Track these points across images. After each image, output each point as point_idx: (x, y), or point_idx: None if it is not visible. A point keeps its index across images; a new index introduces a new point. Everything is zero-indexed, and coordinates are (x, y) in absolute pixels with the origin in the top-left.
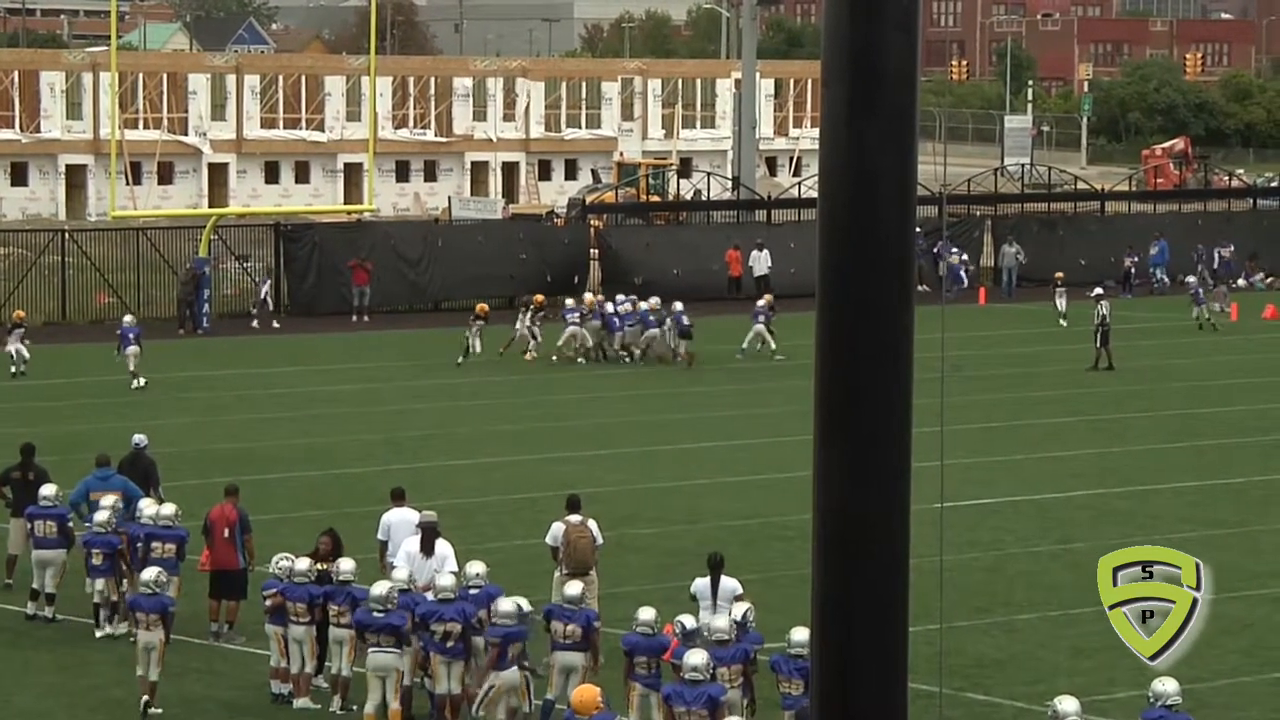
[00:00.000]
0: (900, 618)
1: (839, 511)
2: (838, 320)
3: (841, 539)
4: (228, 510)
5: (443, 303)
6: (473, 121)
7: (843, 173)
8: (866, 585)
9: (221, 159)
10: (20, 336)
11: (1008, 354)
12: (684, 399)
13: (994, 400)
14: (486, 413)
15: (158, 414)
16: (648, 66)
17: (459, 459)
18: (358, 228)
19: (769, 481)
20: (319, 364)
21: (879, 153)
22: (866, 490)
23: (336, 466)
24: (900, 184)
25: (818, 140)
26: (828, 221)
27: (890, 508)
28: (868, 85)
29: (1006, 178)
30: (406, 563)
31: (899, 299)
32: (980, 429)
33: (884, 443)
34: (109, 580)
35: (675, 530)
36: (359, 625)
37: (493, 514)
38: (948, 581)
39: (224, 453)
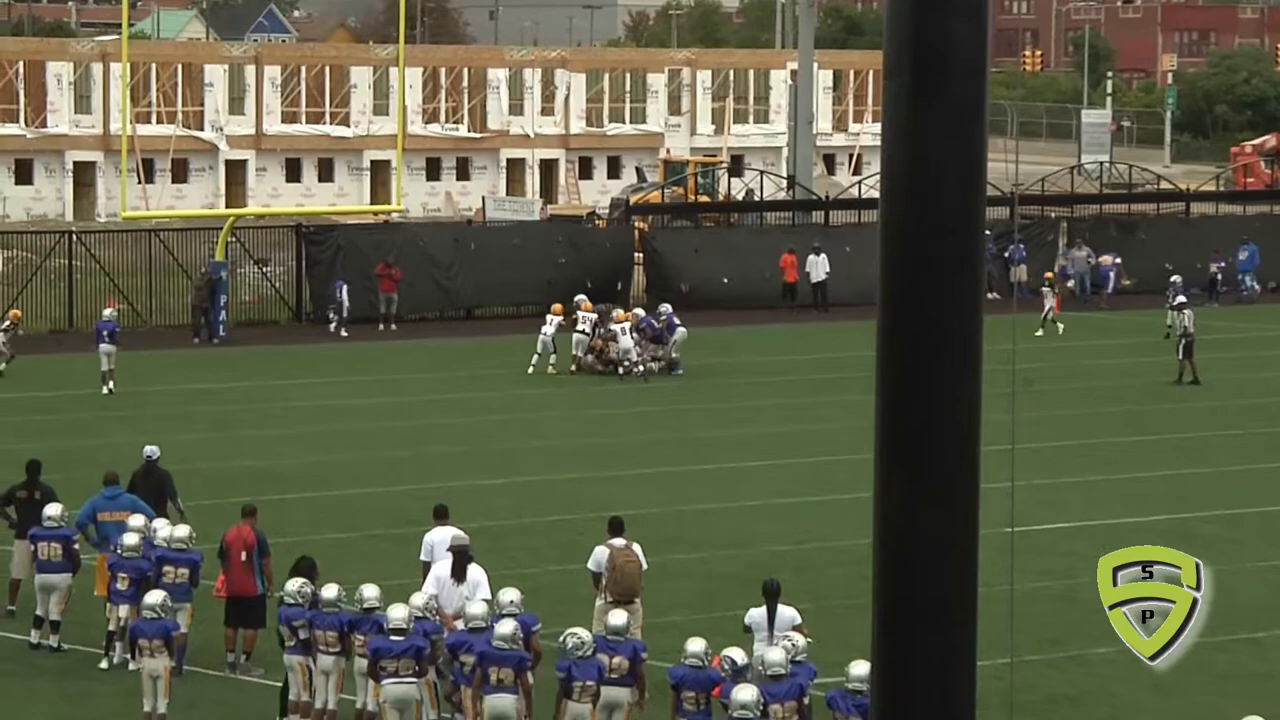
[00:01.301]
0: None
1: (901, 535)
2: (900, 330)
3: (904, 565)
4: (245, 532)
5: (475, 310)
6: (508, 116)
7: (906, 171)
8: (931, 615)
9: (239, 156)
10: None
11: (1083, 366)
12: (731, 414)
13: (1067, 416)
14: (520, 428)
15: (170, 428)
16: (696, 57)
17: (491, 478)
18: (385, 230)
19: (824, 503)
20: (343, 375)
21: (945, 149)
22: (931, 513)
23: (361, 485)
24: (968, 183)
25: (879, 136)
26: (890, 223)
27: (956, 532)
28: (933, 77)
29: (1083, 177)
30: (436, 588)
31: (966, 306)
32: (1053, 447)
33: (950, 462)
34: (133, 607)
35: (722, 555)
36: (375, 653)
37: (527, 537)
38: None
39: (241, 470)
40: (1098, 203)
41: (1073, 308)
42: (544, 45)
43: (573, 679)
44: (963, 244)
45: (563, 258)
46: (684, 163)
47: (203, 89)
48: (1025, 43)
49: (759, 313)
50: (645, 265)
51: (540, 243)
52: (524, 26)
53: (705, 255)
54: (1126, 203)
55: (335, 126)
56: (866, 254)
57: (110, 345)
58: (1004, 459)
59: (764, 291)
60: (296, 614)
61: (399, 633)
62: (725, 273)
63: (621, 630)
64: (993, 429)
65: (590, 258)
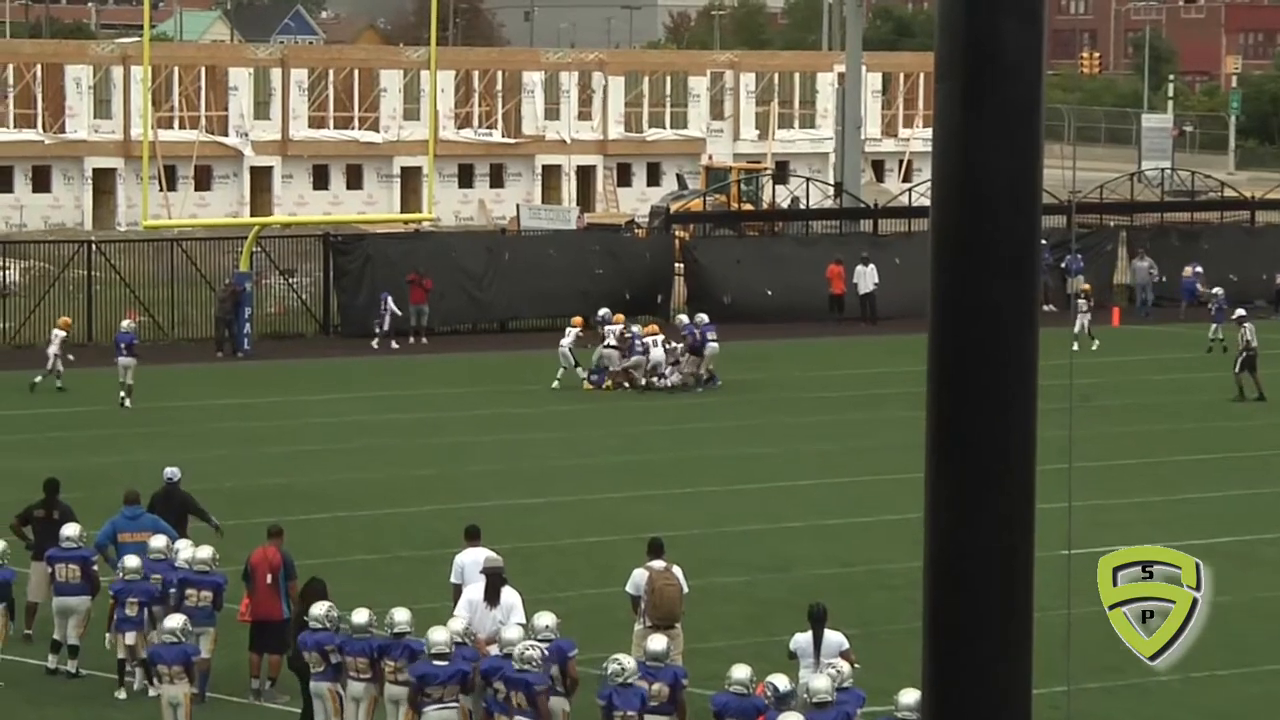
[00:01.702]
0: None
1: (953, 558)
2: (951, 343)
3: (956, 589)
4: (270, 554)
5: (509, 322)
6: (544, 121)
7: (958, 178)
8: (984, 642)
9: (265, 162)
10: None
11: (1142, 382)
12: (775, 431)
13: (1126, 433)
14: (556, 446)
15: (192, 445)
16: (739, 59)
17: (526, 497)
18: (416, 239)
19: (871, 524)
20: (371, 390)
21: (999, 155)
22: (984, 535)
23: (390, 505)
24: (1023, 190)
25: (930, 141)
26: (941, 233)
27: (1011, 554)
28: (986, 80)
29: (1144, 184)
30: (469, 612)
31: (1021, 319)
32: (1111, 466)
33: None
34: (140, 634)
35: (766, 578)
36: (421, 679)
37: (563, 558)
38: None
39: (265, 489)
40: (1159, 211)
41: (1133, 321)
42: (581, 47)
43: (614, 708)
44: (1017, 254)
45: (600, 268)
46: (727, 169)
47: (227, 93)
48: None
49: (804, 325)
50: (686, 276)
51: (577, 253)
52: (560, 28)
53: (748, 266)
54: (1189, 211)
55: (364, 132)
56: (916, 264)
57: (129, 358)
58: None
59: (810, 303)
60: (326, 639)
61: (442, 657)
62: (769, 284)
63: (661, 656)
64: (1048, 447)
65: (629, 268)
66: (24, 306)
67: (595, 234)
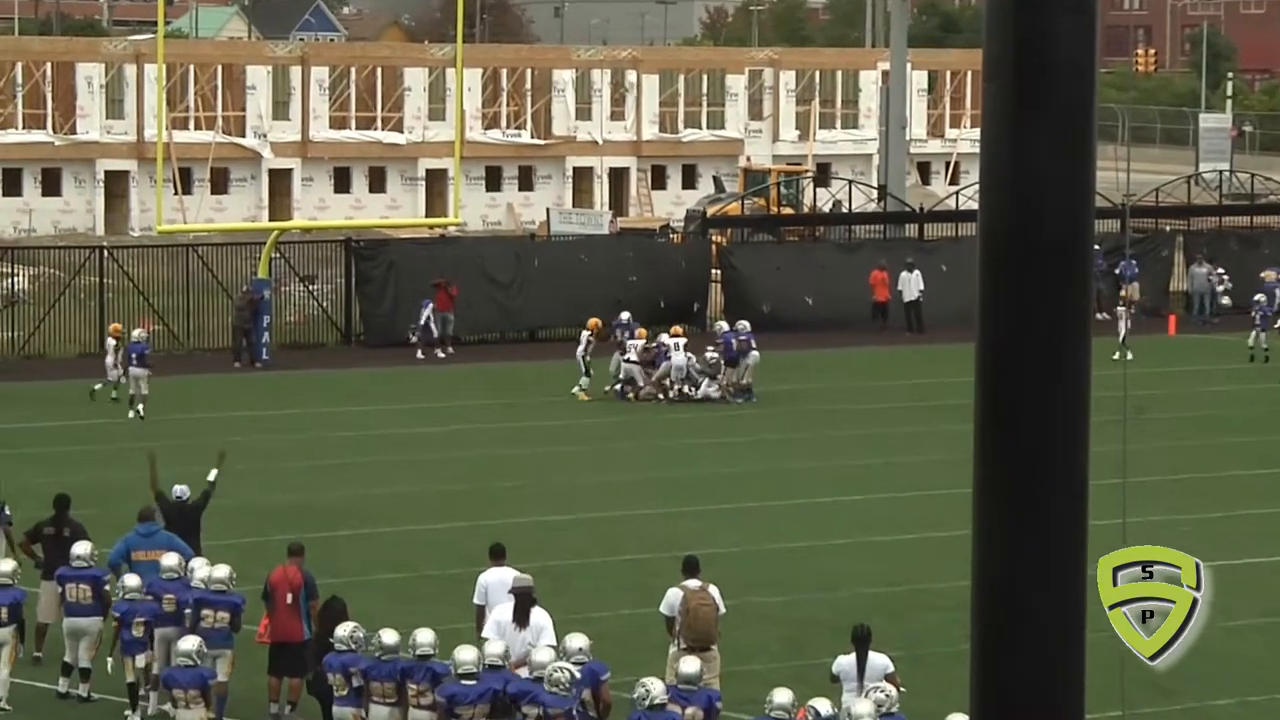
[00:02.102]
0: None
1: (1002, 577)
2: (1000, 353)
3: (1005, 609)
4: (291, 573)
5: (538, 331)
6: (575, 121)
7: (1007, 180)
8: (1036, 664)
9: (284, 164)
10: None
11: (1200, 393)
12: (816, 445)
13: (1183, 448)
14: (588, 459)
15: (209, 459)
16: (779, 56)
17: (556, 513)
18: (441, 245)
19: (917, 542)
20: (395, 402)
21: (1050, 157)
22: (1035, 552)
23: (415, 522)
24: (1075, 193)
25: (978, 143)
26: (989, 238)
27: (1062, 573)
28: (1036, 78)
29: (1201, 187)
30: (497, 634)
31: (1073, 328)
32: (1167, 481)
33: (1055, 498)
34: (150, 655)
35: (807, 598)
36: (451, 699)
37: (595, 578)
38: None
39: (285, 505)
40: (1217, 215)
41: (1191, 329)
42: (614, 44)
43: None
44: (1069, 260)
45: (633, 275)
46: (765, 172)
47: (244, 92)
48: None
49: (846, 334)
50: (723, 283)
51: (609, 259)
52: (592, 24)
53: (788, 272)
54: (1248, 214)
55: (387, 133)
56: (964, 270)
57: (141, 369)
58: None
59: (852, 311)
60: (351, 661)
61: (470, 677)
62: (809, 291)
63: (694, 679)
64: (1101, 461)
65: (663, 275)
66: (33, 315)
67: (628, 239)
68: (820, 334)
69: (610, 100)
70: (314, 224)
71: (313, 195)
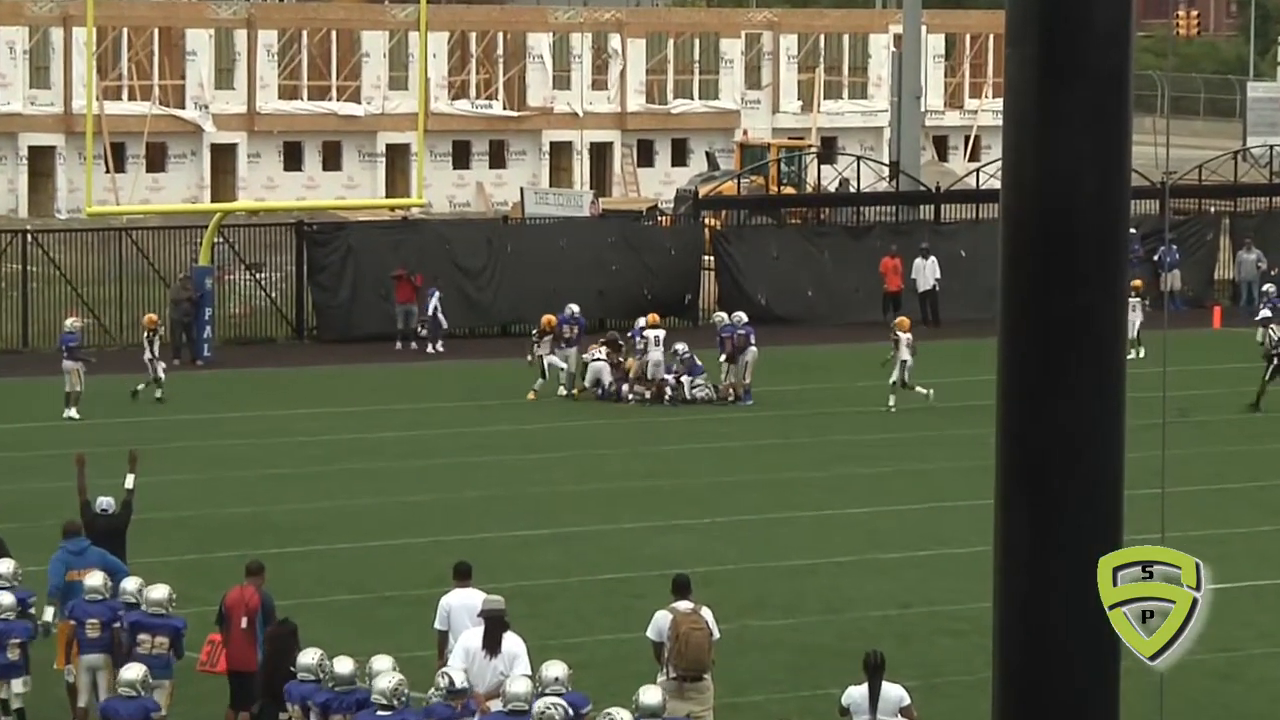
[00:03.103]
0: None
1: (1028, 598)
2: (1025, 349)
3: (1032, 634)
4: (248, 594)
5: (511, 326)
6: (552, 91)
7: (1034, 156)
8: (1064, 694)
9: (228, 139)
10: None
11: (1248, 394)
12: (822, 451)
13: (1229, 453)
14: (566, 467)
15: (146, 468)
16: (779, 18)
17: (532, 528)
18: (404, 228)
19: (934, 558)
20: (352, 405)
21: (1081, 130)
22: (1063, 570)
23: (376, 537)
24: (1108, 171)
25: (1001, 115)
26: (1013, 220)
27: (1095, 595)
28: (1067, 43)
29: (1250, 163)
30: (465, 661)
31: (1106, 322)
32: (1211, 491)
33: (1086, 509)
34: (107, 658)
35: (812, 621)
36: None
37: (575, 599)
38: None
39: (229, 519)
40: (1267, 195)
41: (1239, 322)
42: (595, 5)
43: None
44: (1102, 245)
45: (616, 264)
46: (764, 147)
47: (184, 58)
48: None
49: (854, 329)
50: (717, 272)
51: (590, 245)
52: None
53: (789, 259)
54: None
55: (343, 104)
56: (985, 257)
57: (72, 362)
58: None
59: (860, 303)
60: (312, 692)
61: (387, 708)
62: (812, 280)
63: (656, 711)
64: (1139, 468)
65: (651, 263)
66: None
67: (612, 222)
68: (824, 328)
69: (592, 68)
70: (261, 205)
71: (260, 173)
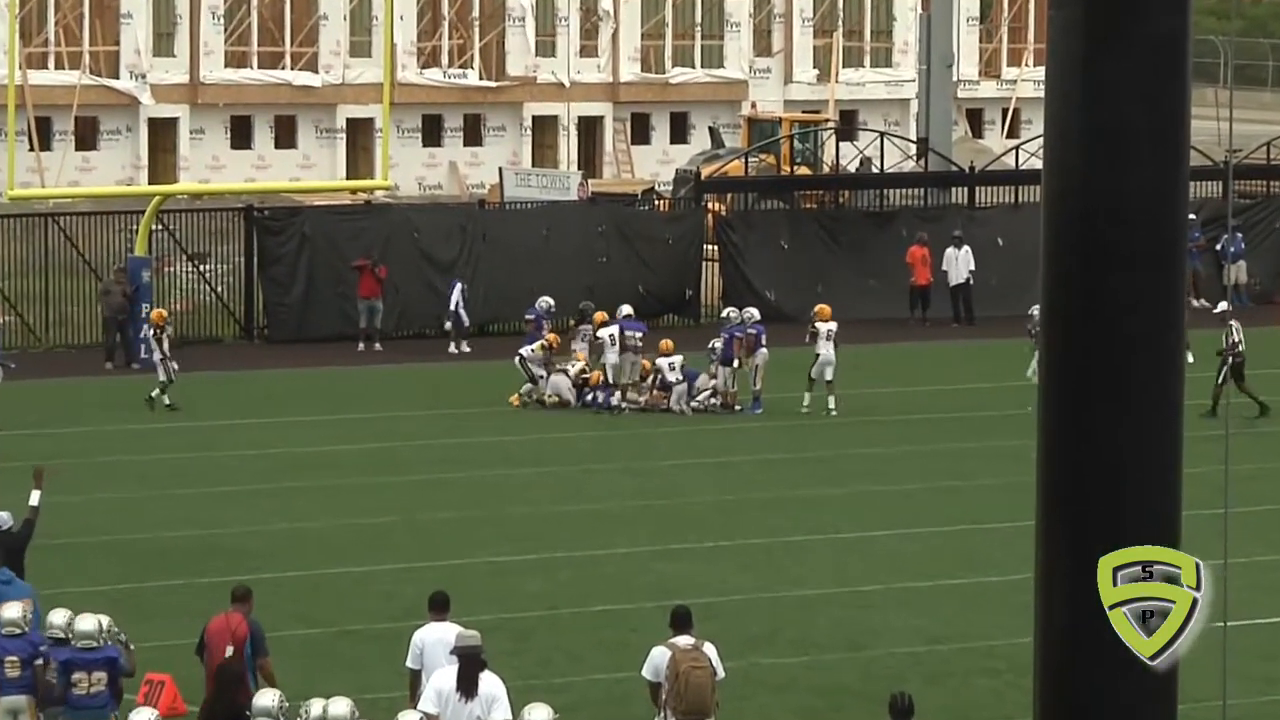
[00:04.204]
0: None
1: (1075, 632)
2: (1071, 350)
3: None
4: (235, 622)
5: (489, 325)
6: (535, 58)
7: (1080, 132)
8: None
9: (168, 113)
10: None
11: None
12: (841, 466)
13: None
14: (553, 485)
15: (76, 485)
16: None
17: (513, 553)
18: (367, 214)
19: (967, 588)
20: (308, 413)
21: (1133, 103)
22: None
23: (335, 563)
24: (1165, 149)
25: (1043, 85)
26: (1057, 205)
27: None
28: (1116, 3)
29: None
30: (437, 705)
31: (1162, 318)
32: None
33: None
34: (30, 700)
35: (831, 659)
36: None
37: (562, 634)
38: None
39: (169, 542)
40: None
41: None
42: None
43: None
44: (1157, 233)
45: (605, 255)
46: (775, 121)
47: (118, 21)
48: None
49: (876, 327)
50: (721, 263)
51: (577, 232)
52: None
53: (801, 248)
54: None
55: (298, 73)
56: (1025, 246)
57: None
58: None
59: (883, 298)
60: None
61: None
62: (829, 273)
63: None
64: (1198, 485)
65: (646, 254)
66: None
67: (603, 208)
68: (843, 326)
69: (580, 32)
70: (206, 188)
71: (204, 151)
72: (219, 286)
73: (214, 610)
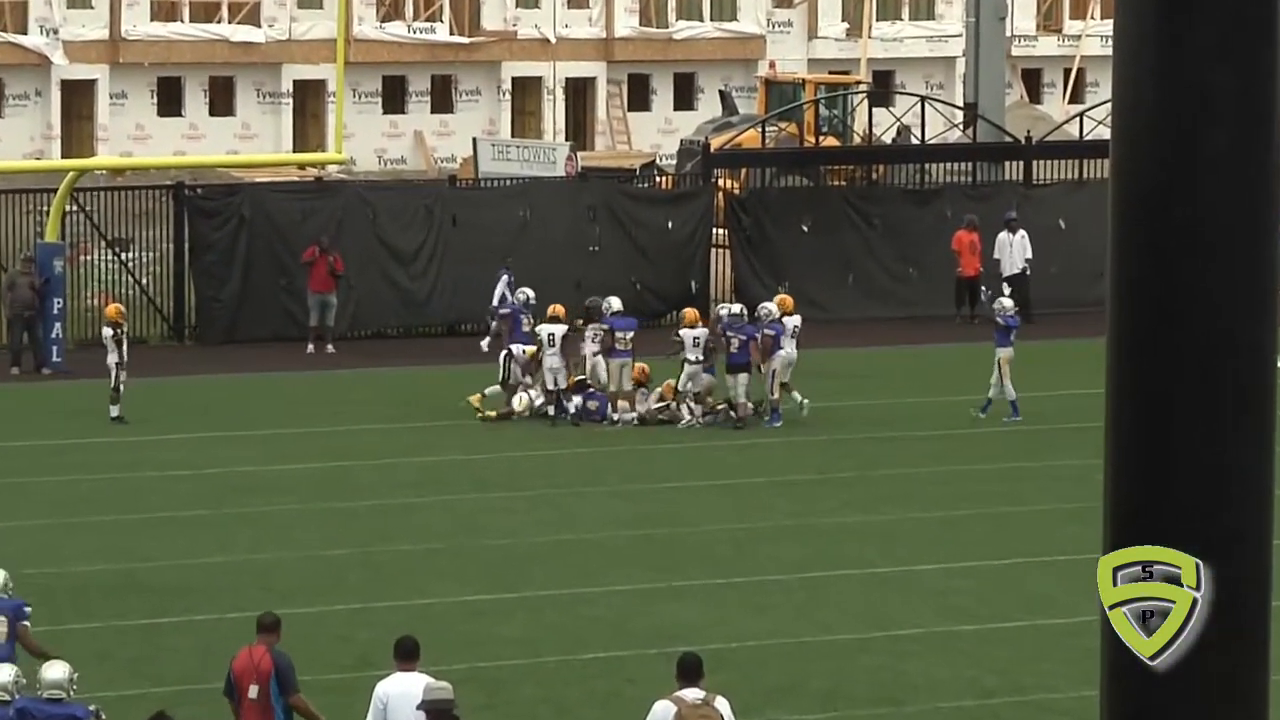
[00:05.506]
0: None
1: (1149, 679)
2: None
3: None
4: (259, 656)
5: (459, 325)
6: (515, 10)
7: (1154, 99)
8: None
9: (85, 74)
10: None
11: None
12: (873, 488)
13: None
14: (536, 511)
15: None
16: None
17: (488, 591)
18: (318, 193)
19: (1022, 631)
20: (248, 427)
21: (1214, 65)
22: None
23: (280, 603)
24: (1252, 119)
25: (1111, 41)
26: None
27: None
28: None
29: None
30: None
31: (1249, 316)
32: None
33: (1225, 563)
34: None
35: (863, 715)
36: None
37: (548, 685)
38: None
39: (87, 578)
40: None
41: None
42: None
43: None
44: (1243, 217)
45: (596, 244)
46: (798, 84)
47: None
48: None
49: (916, 326)
50: (733, 250)
51: (565, 215)
52: None
53: (826, 233)
54: None
55: (237, 26)
56: (1091, 230)
57: None
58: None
59: (925, 291)
60: None
61: None
62: (860, 261)
63: None
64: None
65: (645, 240)
66: None
67: (595, 185)
68: (875, 325)
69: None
70: (129, 162)
71: (127, 119)
72: (144, 278)
73: (136, 655)
